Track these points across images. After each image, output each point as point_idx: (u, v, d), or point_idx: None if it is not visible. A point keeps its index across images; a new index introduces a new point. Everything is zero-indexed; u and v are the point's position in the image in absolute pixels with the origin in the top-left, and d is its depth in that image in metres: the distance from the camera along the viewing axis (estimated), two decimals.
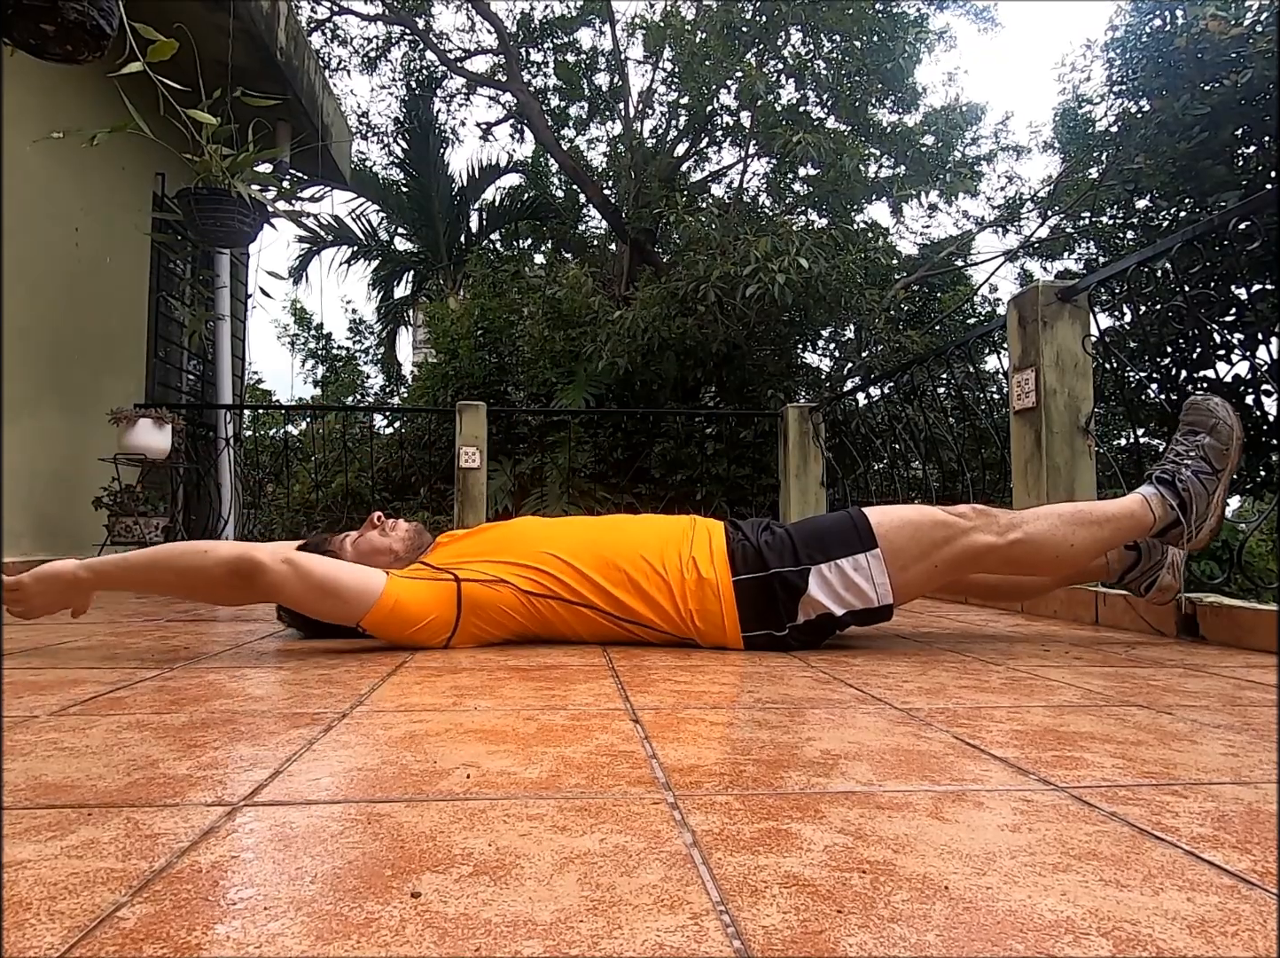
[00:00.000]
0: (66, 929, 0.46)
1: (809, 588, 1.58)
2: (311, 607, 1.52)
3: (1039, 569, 1.97)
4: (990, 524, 1.60)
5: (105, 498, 3.84)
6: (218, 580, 1.44)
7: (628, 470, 7.16)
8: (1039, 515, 1.64)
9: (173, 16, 3.83)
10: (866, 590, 1.58)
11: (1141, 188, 5.51)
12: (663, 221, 8.60)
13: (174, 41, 2.11)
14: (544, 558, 1.61)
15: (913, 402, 4.21)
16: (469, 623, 1.58)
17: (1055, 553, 1.62)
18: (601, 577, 1.60)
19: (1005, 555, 1.61)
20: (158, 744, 0.87)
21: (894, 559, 1.59)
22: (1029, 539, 1.60)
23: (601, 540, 1.65)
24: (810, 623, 1.60)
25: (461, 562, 1.62)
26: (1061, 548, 1.61)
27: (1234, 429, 1.66)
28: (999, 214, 11.13)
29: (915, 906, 0.50)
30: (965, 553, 1.60)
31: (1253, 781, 0.77)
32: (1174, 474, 1.66)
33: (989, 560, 1.64)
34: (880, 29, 8.54)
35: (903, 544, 1.59)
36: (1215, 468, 1.64)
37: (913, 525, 1.60)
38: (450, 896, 0.51)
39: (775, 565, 1.58)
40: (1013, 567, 1.79)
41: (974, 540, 1.59)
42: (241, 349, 6.13)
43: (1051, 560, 1.65)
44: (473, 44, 11.79)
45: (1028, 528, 1.60)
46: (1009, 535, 1.59)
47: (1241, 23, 4.85)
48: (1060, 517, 1.63)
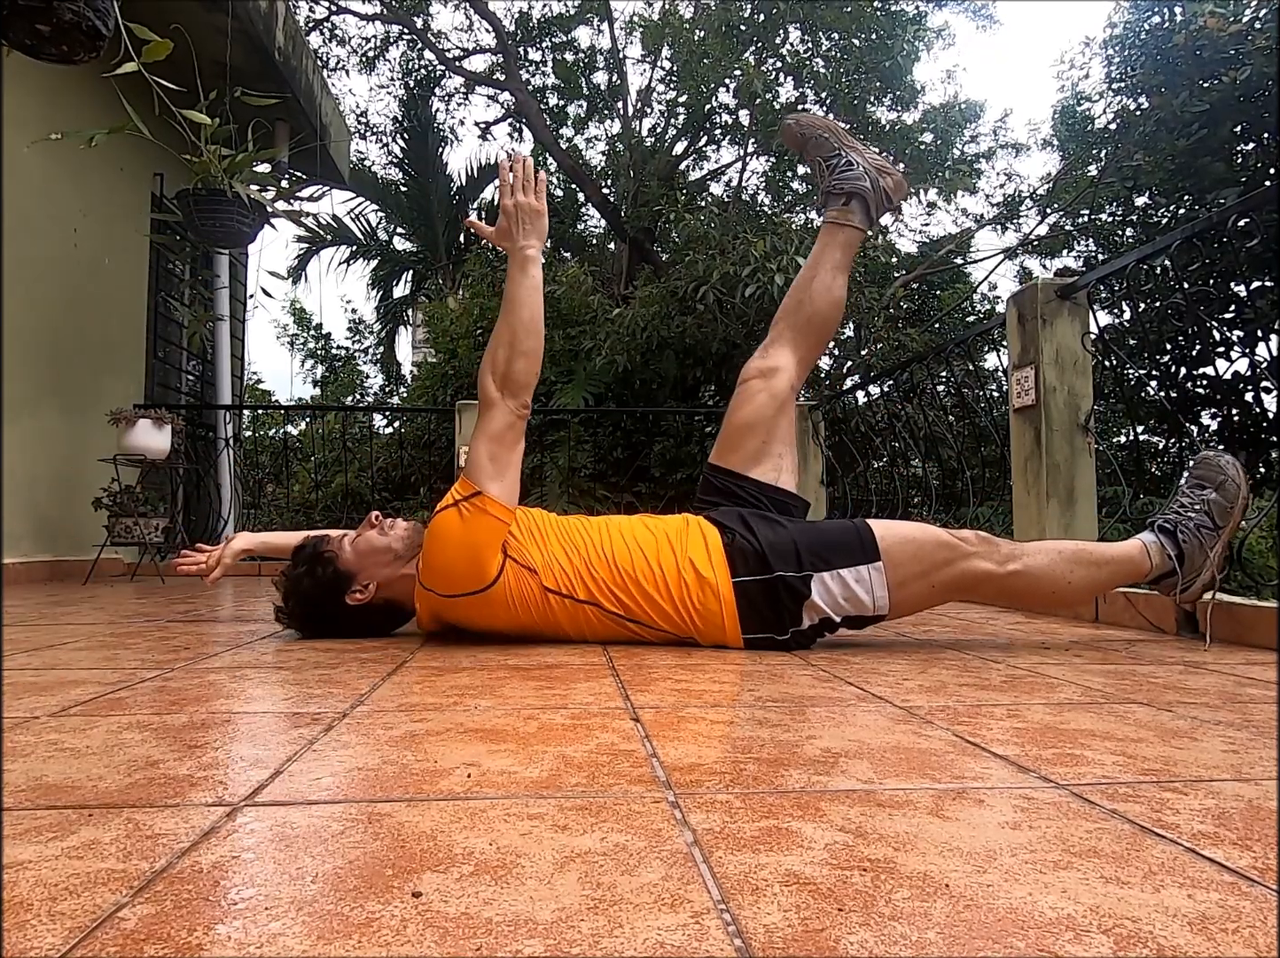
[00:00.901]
0: (67, 930, 0.46)
1: (811, 594, 1.58)
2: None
3: (1032, 602, 2.07)
4: (991, 553, 1.62)
5: (105, 498, 3.84)
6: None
7: (627, 469, 7.16)
8: (1040, 550, 1.67)
9: (170, 17, 3.82)
10: (865, 601, 1.59)
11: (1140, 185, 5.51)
12: (662, 220, 8.60)
13: (169, 42, 2.10)
14: (561, 555, 1.62)
15: (912, 400, 4.21)
16: (506, 588, 1.58)
17: (1051, 588, 1.65)
18: (605, 576, 1.60)
19: (1001, 585, 1.64)
20: (158, 745, 0.87)
21: (894, 574, 1.59)
22: (1027, 572, 1.62)
23: (602, 540, 1.65)
24: (813, 627, 1.61)
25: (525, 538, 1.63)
26: (1059, 584, 1.65)
27: (1241, 488, 1.68)
28: (998, 212, 11.14)
29: (916, 904, 0.50)
30: (963, 577, 1.62)
31: (1253, 777, 0.77)
32: (1176, 525, 1.67)
33: (986, 589, 1.67)
34: (879, 27, 8.54)
35: (903, 560, 1.60)
36: (1217, 524, 1.66)
37: (915, 544, 1.62)
38: (451, 895, 0.51)
39: (779, 569, 1.58)
40: (1007, 597, 1.86)
41: (973, 566, 1.61)
42: (241, 349, 6.13)
43: (1047, 596, 1.69)
44: (471, 43, 11.78)
45: (1027, 560, 1.63)
46: (1008, 566, 1.62)
47: (1240, 20, 4.85)
48: (1061, 553, 1.66)
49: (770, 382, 1.84)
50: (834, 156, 1.88)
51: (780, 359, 1.86)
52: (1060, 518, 2.47)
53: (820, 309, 1.87)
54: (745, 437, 1.83)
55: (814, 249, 1.90)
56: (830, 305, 1.88)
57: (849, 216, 1.86)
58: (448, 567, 1.57)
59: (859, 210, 1.86)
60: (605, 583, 1.60)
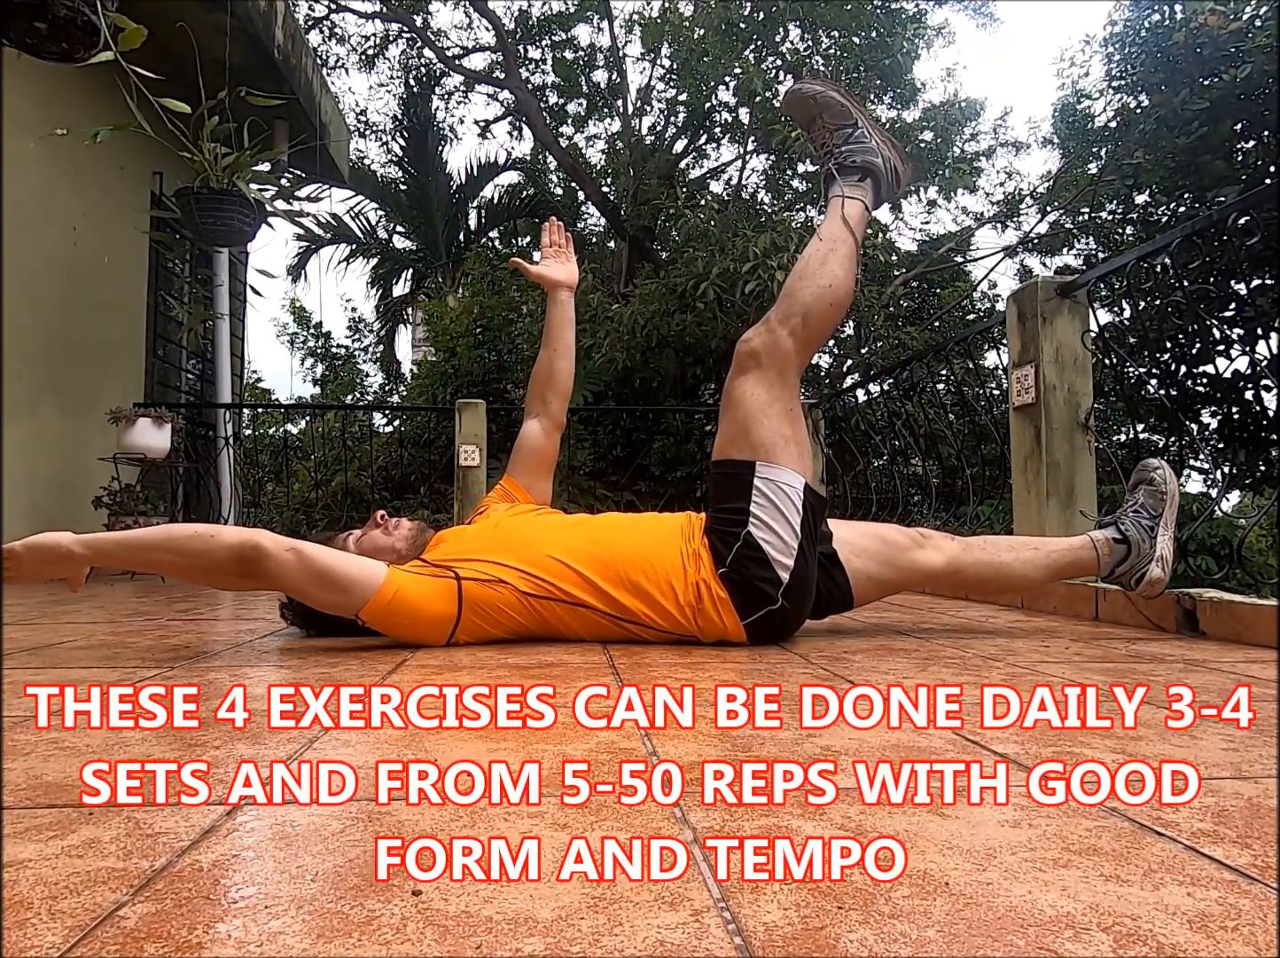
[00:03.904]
0: (68, 929, 0.46)
1: (749, 526, 1.59)
2: (314, 596, 1.52)
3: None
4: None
5: (105, 497, 3.84)
6: (221, 565, 1.44)
7: (627, 468, 7.16)
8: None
9: (170, 15, 3.83)
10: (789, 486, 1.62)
11: (1141, 183, 5.51)
12: (661, 218, 8.60)
13: (143, 29, 2.06)
14: (543, 561, 1.60)
15: (912, 398, 4.21)
16: (470, 620, 1.57)
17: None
18: (600, 577, 1.59)
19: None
20: (158, 744, 0.87)
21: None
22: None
23: (600, 540, 1.65)
24: (794, 577, 1.59)
25: (462, 559, 1.62)
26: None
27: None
28: (998, 210, 11.13)
29: (916, 902, 0.50)
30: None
31: (1253, 775, 0.77)
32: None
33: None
34: (879, 25, 8.53)
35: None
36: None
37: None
38: (451, 893, 0.51)
39: (735, 528, 1.60)
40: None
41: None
42: (240, 348, 6.12)
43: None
44: (471, 41, 11.79)
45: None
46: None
47: (1240, 18, 4.85)
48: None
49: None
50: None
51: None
52: (1060, 516, 2.46)
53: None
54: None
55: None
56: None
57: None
58: (415, 635, 1.59)
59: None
60: (603, 583, 1.59)
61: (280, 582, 1.48)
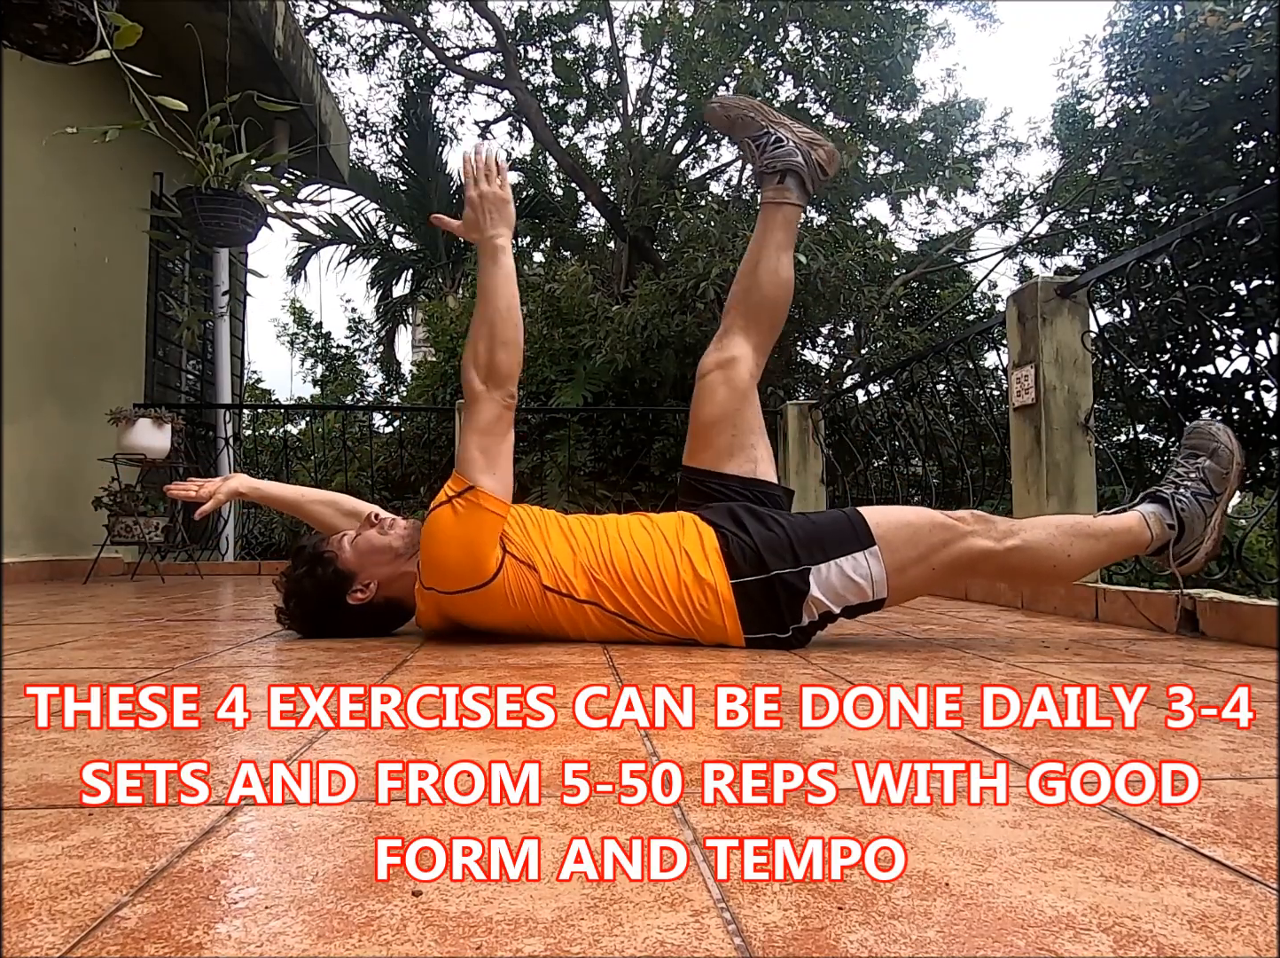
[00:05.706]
0: (68, 929, 0.46)
1: (810, 589, 1.57)
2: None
3: (1033, 579, 2.02)
4: (989, 530, 1.61)
5: (105, 498, 3.84)
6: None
7: (627, 468, 7.16)
8: (1037, 524, 1.66)
9: (170, 16, 3.83)
10: (864, 588, 1.58)
11: (1141, 183, 5.51)
12: (661, 219, 8.60)
13: (138, 26, 2.06)
14: (562, 554, 1.61)
15: (912, 398, 4.21)
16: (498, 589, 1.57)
17: (1052, 563, 1.64)
18: (605, 578, 1.60)
19: (1001, 562, 1.63)
20: (158, 744, 0.87)
21: (891, 558, 1.58)
22: (1026, 547, 1.61)
23: (600, 540, 1.65)
24: (813, 623, 1.60)
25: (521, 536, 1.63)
26: (1059, 558, 1.63)
27: (1235, 454, 1.69)
28: (998, 210, 11.12)
29: (916, 902, 0.50)
30: (962, 557, 1.60)
31: (1253, 776, 0.77)
32: (1172, 494, 1.69)
33: (986, 567, 1.65)
34: (878, 25, 8.53)
35: (900, 544, 1.59)
36: (1214, 491, 1.67)
37: (911, 528, 1.61)
38: (451, 894, 0.51)
39: (775, 568, 1.57)
40: (1008, 575, 1.83)
41: (971, 545, 1.60)
42: (240, 348, 6.12)
43: (1048, 571, 1.67)
44: (470, 42, 11.77)
45: (1025, 536, 1.62)
46: (1006, 542, 1.61)
47: (1240, 18, 4.85)
48: (1059, 527, 1.65)
49: (729, 373, 1.82)
50: (762, 135, 1.86)
51: (736, 349, 1.84)
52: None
53: (769, 293, 1.85)
54: (714, 433, 1.81)
55: (755, 232, 1.87)
56: (779, 287, 1.86)
57: (785, 194, 1.84)
58: (446, 564, 1.56)
59: (795, 187, 1.84)
60: (605, 584, 1.60)
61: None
